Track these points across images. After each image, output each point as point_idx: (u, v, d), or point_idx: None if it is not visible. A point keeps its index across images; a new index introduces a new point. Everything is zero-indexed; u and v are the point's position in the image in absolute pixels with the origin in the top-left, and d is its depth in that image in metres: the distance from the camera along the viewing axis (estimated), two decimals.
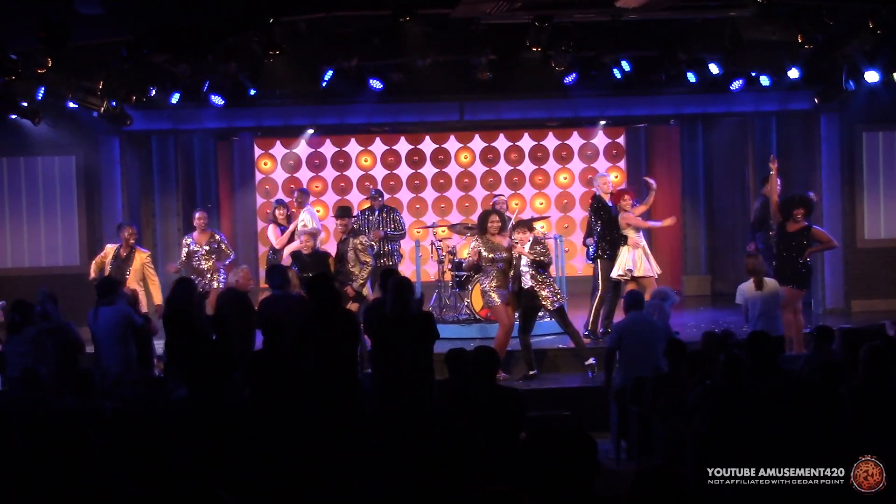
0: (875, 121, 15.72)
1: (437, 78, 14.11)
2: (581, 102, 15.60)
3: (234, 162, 18.35)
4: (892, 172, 15.60)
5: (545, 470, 4.62)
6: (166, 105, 14.05)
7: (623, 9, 10.97)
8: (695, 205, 18.14)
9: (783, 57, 13.38)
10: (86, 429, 5.17)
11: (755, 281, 11.37)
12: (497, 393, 7.87)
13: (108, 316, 10.15)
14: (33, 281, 13.45)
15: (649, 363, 9.86)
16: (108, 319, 10.12)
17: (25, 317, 10.30)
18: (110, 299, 10.29)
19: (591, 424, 9.44)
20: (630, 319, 10.60)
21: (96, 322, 10.22)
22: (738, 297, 11.52)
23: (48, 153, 15.50)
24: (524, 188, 18.75)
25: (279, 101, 14.90)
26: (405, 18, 10.46)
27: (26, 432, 7.98)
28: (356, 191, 18.43)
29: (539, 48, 12.17)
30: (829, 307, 15.42)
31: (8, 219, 15.25)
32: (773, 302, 11.45)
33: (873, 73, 13.32)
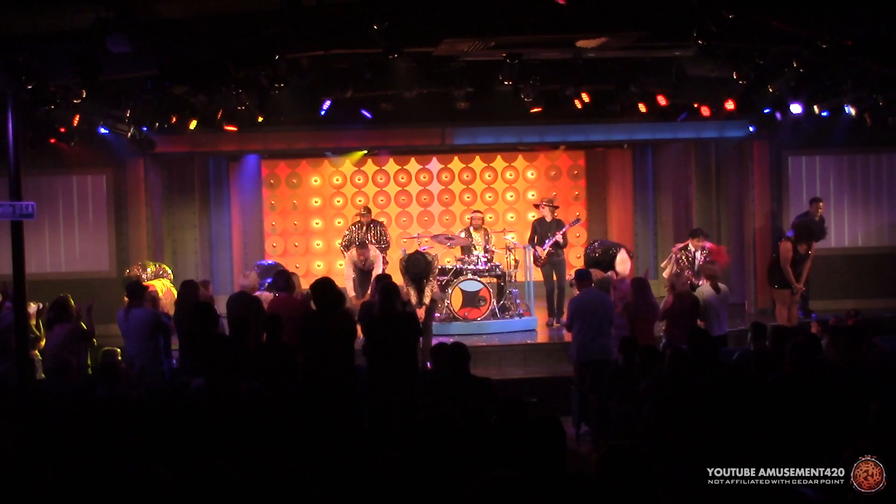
0: (799, 146, 15.84)
1: (421, 107, 14.12)
2: (547, 129, 15.64)
3: (244, 180, 18.29)
4: (813, 190, 15.70)
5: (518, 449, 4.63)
6: (185, 130, 13.99)
7: (583, 49, 11.02)
8: (645, 218, 18.18)
9: (721, 91, 13.48)
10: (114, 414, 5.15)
11: (712, 285, 11.35)
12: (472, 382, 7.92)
13: (138, 316, 10.08)
14: (69, 284, 13.42)
15: (599, 327, 10.25)
16: (138, 319, 10.05)
17: (62, 315, 10.25)
18: (139, 301, 10.24)
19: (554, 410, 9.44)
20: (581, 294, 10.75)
21: (127, 321, 10.14)
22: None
23: (82, 172, 15.47)
24: (497, 203, 18.76)
25: (284, 127, 14.86)
26: (393, 56, 10.45)
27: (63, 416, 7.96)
28: (350, 205, 18.39)
29: (510, 82, 12.20)
30: (760, 307, 15.48)
31: (47, 229, 15.20)
32: (725, 303, 11.47)
33: (797, 106, 13.41)
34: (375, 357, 8.63)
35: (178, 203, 16.50)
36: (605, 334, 10.37)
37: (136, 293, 10.35)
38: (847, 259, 15.78)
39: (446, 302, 13.75)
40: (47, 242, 15.32)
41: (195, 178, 16.74)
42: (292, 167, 18.48)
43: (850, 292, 15.17)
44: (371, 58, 11.42)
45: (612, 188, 18.60)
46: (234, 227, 17.52)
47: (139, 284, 10.84)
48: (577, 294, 10.83)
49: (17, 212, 9.97)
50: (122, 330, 10.22)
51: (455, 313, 13.72)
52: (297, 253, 18.38)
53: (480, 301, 13.82)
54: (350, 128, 15.09)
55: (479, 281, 13.89)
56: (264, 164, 18.32)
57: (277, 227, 18.45)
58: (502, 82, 12.21)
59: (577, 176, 18.93)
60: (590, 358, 10.19)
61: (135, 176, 15.54)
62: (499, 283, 14.25)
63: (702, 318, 11.12)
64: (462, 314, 13.74)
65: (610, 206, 18.68)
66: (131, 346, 10.08)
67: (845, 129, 14.63)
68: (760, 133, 15.45)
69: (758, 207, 15.81)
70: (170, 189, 16.41)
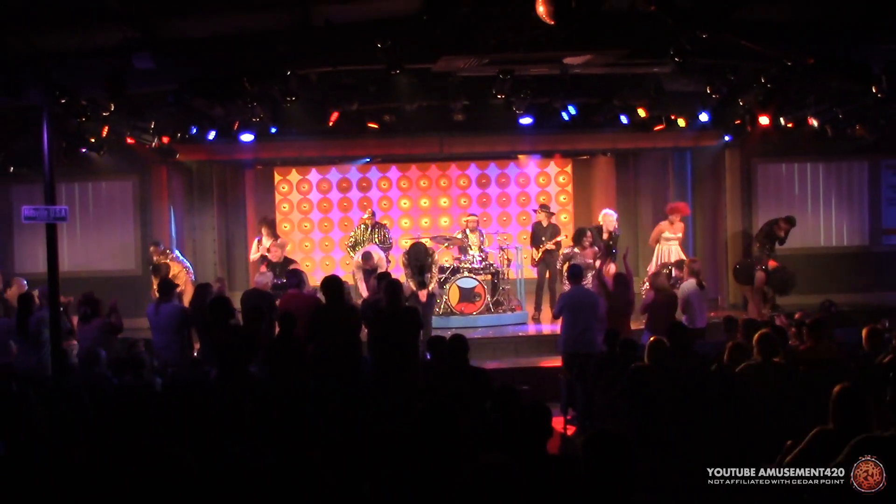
0: (767, 155, 15.87)
1: (421, 119, 14.13)
2: (536, 139, 15.63)
3: (258, 186, 18.29)
4: (780, 195, 15.72)
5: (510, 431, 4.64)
6: (204, 140, 13.99)
7: (569, 65, 11.02)
8: (627, 220, 18.18)
9: (696, 104, 13.50)
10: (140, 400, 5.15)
11: (697, 281, 11.33)
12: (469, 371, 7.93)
13: (167, 311, 10.06)
14: (98, 281, 13.43)
15: (587, 323, 10.18)
16: (168, 314, 10.03)
17: (94, 309, 10.24)
18: (168, 297, 10.23)
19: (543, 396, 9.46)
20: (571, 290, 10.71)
21: (157, 315, 10.12)
22: (681, 293, 11.39)
23: (110, 179, 15.48)
24: (490, 207, 18.76)
25: (294, 137, 14.86)
26: (395, 72, 10.46)
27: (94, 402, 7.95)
28: (356, 209, 18.39)
29: (503, 95, 12.20)
30: (731, 302, 15.50)
31: (79, 231, 15.21)
32: (705, 298, 11.47)
33: (765, 118, 13.42)
34: (380, 348, 8.64)
35: (197, 206, 16.48)
36: (591, 329, 10.32)
37: (166, 290, 10.35)
38: (810, 258, 15.78)
39: (444, 297, 13.77)
40: (79, 243, 15.32)
41: (213, 184, 16.73)
42: (302, 174, 18.47)
43: (813, 288, 15.18)
44: (375, 73, 11.41)
45: (597, 193, 18.60)
46: (249, 228, 17.51)
47: (170, 282, 10.81)
48: (568, 290, 10.81)
49: (52, 215, 9.98)
50: (151, 323, 10.19)
51: (452, 308, 13.76)
52: (306, 252, 18.38)
53: (476, 297, 13.85)
54: (356, 137, 15.08)
55: (474, 278, 13.91)
56: (276, 170, 18.32)
57: (288, 229, 18.44)
58: (496, 96, 12.21)
59: (565, 182, 18.94)
60: (577, 350, 10.18)
61: (158, 182, 15.53)
62: (492, 280, 14.27)
63: (684, 311, 11.13)
64: (459, 309, 13.77)
65: (594, 210, 18.58)
66: (159, 339, 10.08)
67: (809, 140, 14.65)
68: (732, 142, 15.47)
69: (730, 210, 15.82)
70: (190, 194, 16.40)
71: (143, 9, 9.44)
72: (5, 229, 15.46)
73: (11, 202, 15.21)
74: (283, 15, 9.88)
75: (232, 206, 17.37)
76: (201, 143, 14.37)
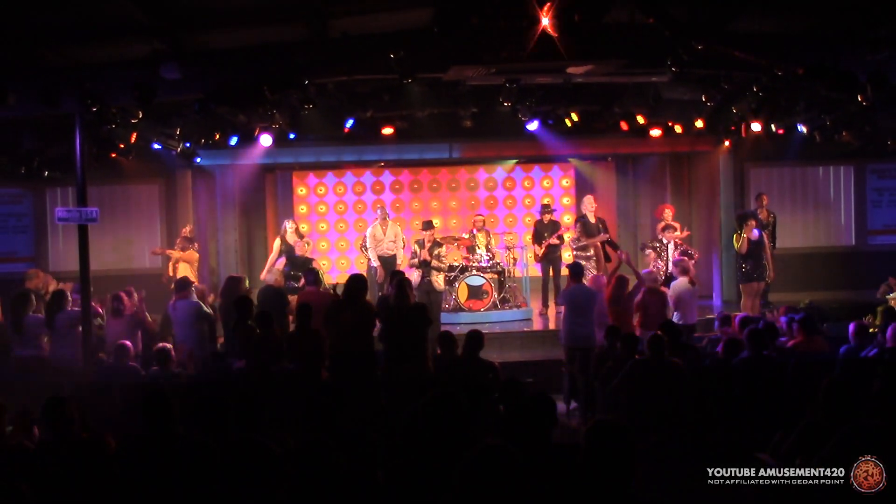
0: (759, 159, 15.84)
1: (432, 125, 14.12)
2: (541, 144, 15.60)
3: (277, 189, 18.31)
4: (771, 198, 15.66)
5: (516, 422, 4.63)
6: (227, 146, 14.03)
7: (572, 74, 11.01)
8: (627, 222, 18.16)
9: (692, 112, 13.46)
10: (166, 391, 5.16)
11: (689, 280, 11.29)
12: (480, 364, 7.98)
13: (183, 307, 10.11)
14: (127, 279, 13.43)
15: (585, 318, 10.15)
16: (184, 309, 10.09)
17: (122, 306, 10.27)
18: (185, 294, 10.26)
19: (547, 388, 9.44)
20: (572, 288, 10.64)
21: (175, 310, 10.19)
22: (672, 291, 11.29)
23: (138, 182, 15.52)
24: (498, 209, 18.74)
25: (312, 142, 14.88)
26: (408, 80, 10.47)
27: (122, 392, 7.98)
28: (370, 210, 18.39)
29: (509, 103, 12.22)
30: (725, 299, 15.46)
31: (109, 231, 15.23)
32: (696, 296, 11.43)
33: (757, 124, 13.40)
34: (392, 343, 8.64)
35: (220, 209, 16.51)
36: (590, 324, 10.27)
37: (183, 288, 10.39)
38: (800, 257, 15.76)
39: (454, 294, 13.77)
40: (109, 243, 15.36)
41: (235, 187, 16.74)
42: (320, 177, 18.48)
43: (802, 286, 15.14)
44: (388, 82, 11.42)
45: (598, 195, 18.52)
46: (269, 229, 17.54)
47: (186, 280, 10.86)
48: (569, 287, 10.80)
49: (83, 217, 10.03)
50: (171, 318, 10.29)
51: (461, 305, 13.75)
52: (323, 252, 18.39)
53: (483, 294, 13.84)
54: (370, 143, 15.10)
55: (482, 276, 13.90)
56: (295, 174, 18.34)
57: (307, 230, 18.46)
58: (502, 103, 12.23)
59: (568, 185, 18.90)
60: (576, 345, 10.15)
61: (183, 185, 15.58)
62: (499, 278, 14.26)
63: (676, 307, 11.08)
64: (467, 305, 13.76)
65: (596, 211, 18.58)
66: (179, 333, 10.14)
67: (798, 145, 14.62)
68: (726, 148, 15.42)
69: (724, 212, 15.77)
70: (213, 197, 16.43)
71: (171, 23, 9.49)
72: (41, 230, 15.53)
73: (46, 205, 15.29)
74: (302, 27, 9.90)
75: (253, 209, 17.39)
76: (224, 149, 14.39)
